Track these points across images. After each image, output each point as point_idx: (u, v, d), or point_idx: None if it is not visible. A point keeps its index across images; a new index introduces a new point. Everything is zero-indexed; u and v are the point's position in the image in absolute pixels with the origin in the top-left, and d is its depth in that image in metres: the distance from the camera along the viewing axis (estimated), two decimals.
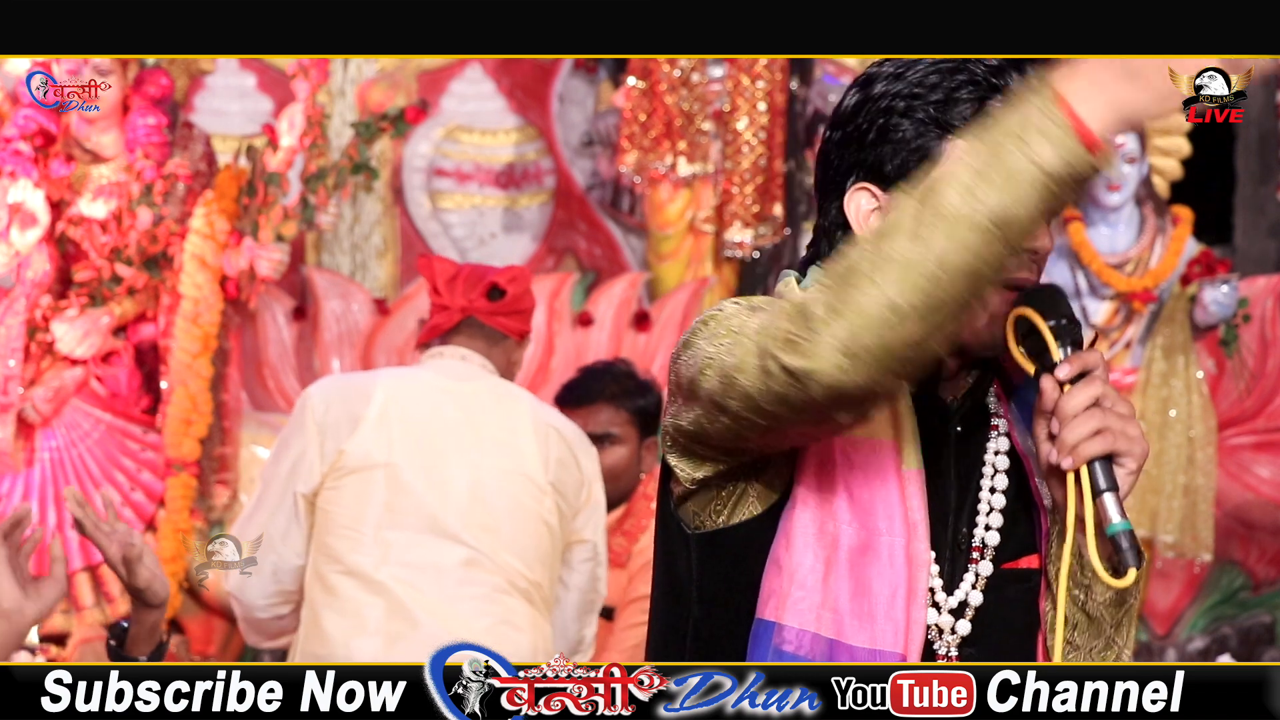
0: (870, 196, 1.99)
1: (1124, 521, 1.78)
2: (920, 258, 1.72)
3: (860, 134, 2.00)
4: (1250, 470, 6.60)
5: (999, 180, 1.71)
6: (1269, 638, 6.60)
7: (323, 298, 6.58)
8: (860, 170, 2.00)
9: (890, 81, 1.99)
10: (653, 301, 6.84)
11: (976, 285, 1.74)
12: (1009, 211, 1.72)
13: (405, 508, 3.73)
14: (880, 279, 1.73)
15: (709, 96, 6.85)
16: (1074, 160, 1.72)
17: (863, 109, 2.01)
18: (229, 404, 5.83)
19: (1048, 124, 1.72)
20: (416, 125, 6.63)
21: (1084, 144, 1.72)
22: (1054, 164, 1.71)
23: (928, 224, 1.72)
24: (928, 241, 1.72)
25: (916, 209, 1.74)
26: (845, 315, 1.74)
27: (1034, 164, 1.71)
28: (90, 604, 5.67)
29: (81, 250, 5.79)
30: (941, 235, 1.72)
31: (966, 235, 1.72)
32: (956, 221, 1.72)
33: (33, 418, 5.68)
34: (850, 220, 2.00)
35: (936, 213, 1.73)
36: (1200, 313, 6.53)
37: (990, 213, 1.71)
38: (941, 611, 1.97)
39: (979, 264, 1.72)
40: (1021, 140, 1.72)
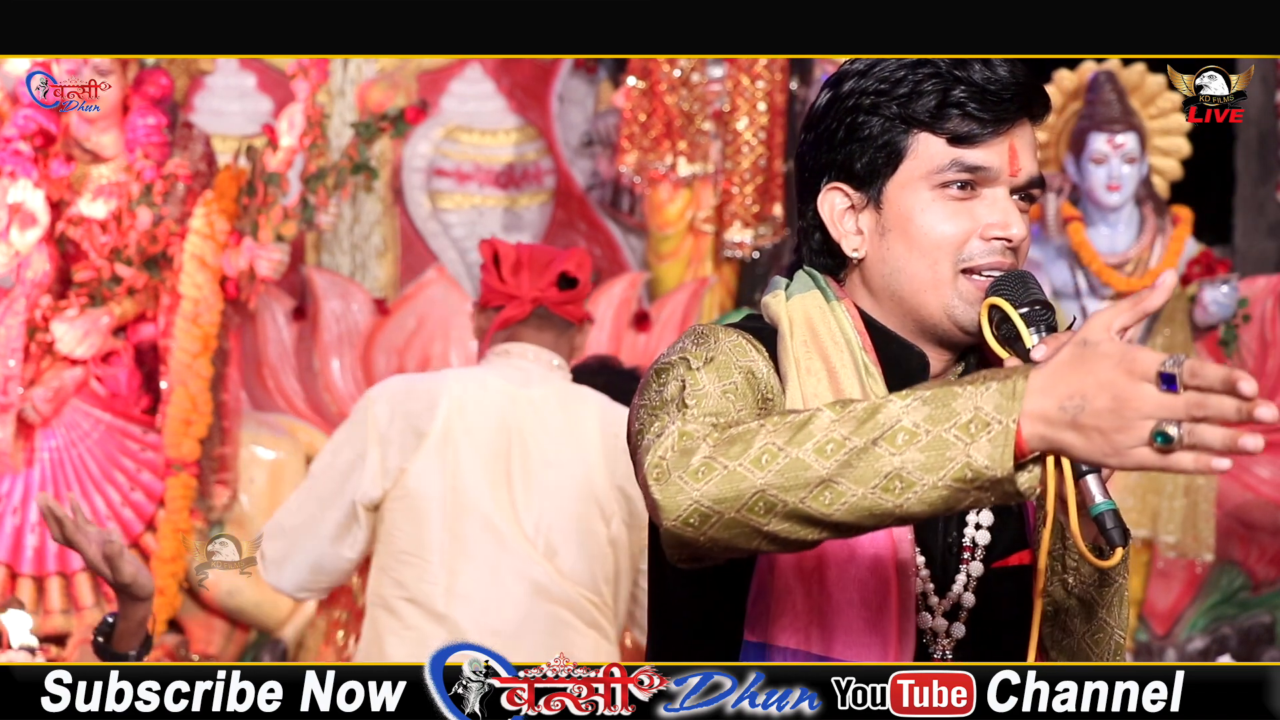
0: (843, 196, 2.00)
1: (1107, 501, 1.75)
2: (815, 468, 1.69)
3: (830, 134, 2.00)
4: (1250, 470, 6.59)
5: (927, 449, 1.66)
6: (1269, 638, 6.59)
7: (323, 298, 6.58)
8: (832, 170, 2.00)
9: (858, 79, 1.99)
10: (652, 301, 6.84)
11: (852, 520, 1.69)
12: (916, 478, 1.66)
13: (469, 535, 3.69)
14: (766, 468, 1.70)
15: (709, 96, 6.85)
16: (1000, 470, 1.65)
17: (832, 108, 2.01)
18: (229, 404, 5.83)
19: (997, 426, 1.64)
20: (416, 125, 6.63)
21: (1017, 455, 1.65)
22: (981, 464, 1.64)
23: (840, 446, 1.68)
24: (830, 460, 1.68)
25: (841, 425, 1.69)
26: (717, 482, 1.72)
27: (966, 456, 1.65)
28: (90, 604, 5.67)
29: (81, 250, 5.79)
30: (844, 464, 1.68)
31: (867, 473, 1.67)
32: (866, 459, 1.67)
33: (33, 418, 5.68)
34: (825, 221, 2.01)
35: (854, 441, 1.68)
36: (1200, 313, 6.53)
37: (900, 469, 1.66)
38: (935, 615, 1.97)
39: (862, 505, 1.68)
40: (967, 430, 1.65)
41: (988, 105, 1.94)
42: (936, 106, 1.94)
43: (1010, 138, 1.95)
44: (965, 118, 1.94)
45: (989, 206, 1.95)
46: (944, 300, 1.95)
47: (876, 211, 1.98)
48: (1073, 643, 1.99)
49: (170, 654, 5.66)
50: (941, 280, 1.95)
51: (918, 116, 1.95)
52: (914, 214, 1.96)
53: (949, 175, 1.95)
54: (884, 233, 1.98)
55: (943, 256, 1.95)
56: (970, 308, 1.94)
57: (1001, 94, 1.94)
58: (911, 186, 1.96)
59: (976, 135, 1.94)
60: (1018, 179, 1.96)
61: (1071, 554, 1.95)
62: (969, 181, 1.95)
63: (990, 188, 1.96)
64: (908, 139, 1.95)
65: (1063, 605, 1.98)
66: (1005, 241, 1.94)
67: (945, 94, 1.94)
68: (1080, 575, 1.96)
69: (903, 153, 1.96)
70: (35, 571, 5.65)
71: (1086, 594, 1.97)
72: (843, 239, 2.00)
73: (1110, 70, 6.72)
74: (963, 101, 1.94)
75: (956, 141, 1.94)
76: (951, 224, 1.95)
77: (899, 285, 1.97)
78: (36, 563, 5.66)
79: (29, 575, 5.65)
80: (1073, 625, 1.98)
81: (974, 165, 1.94)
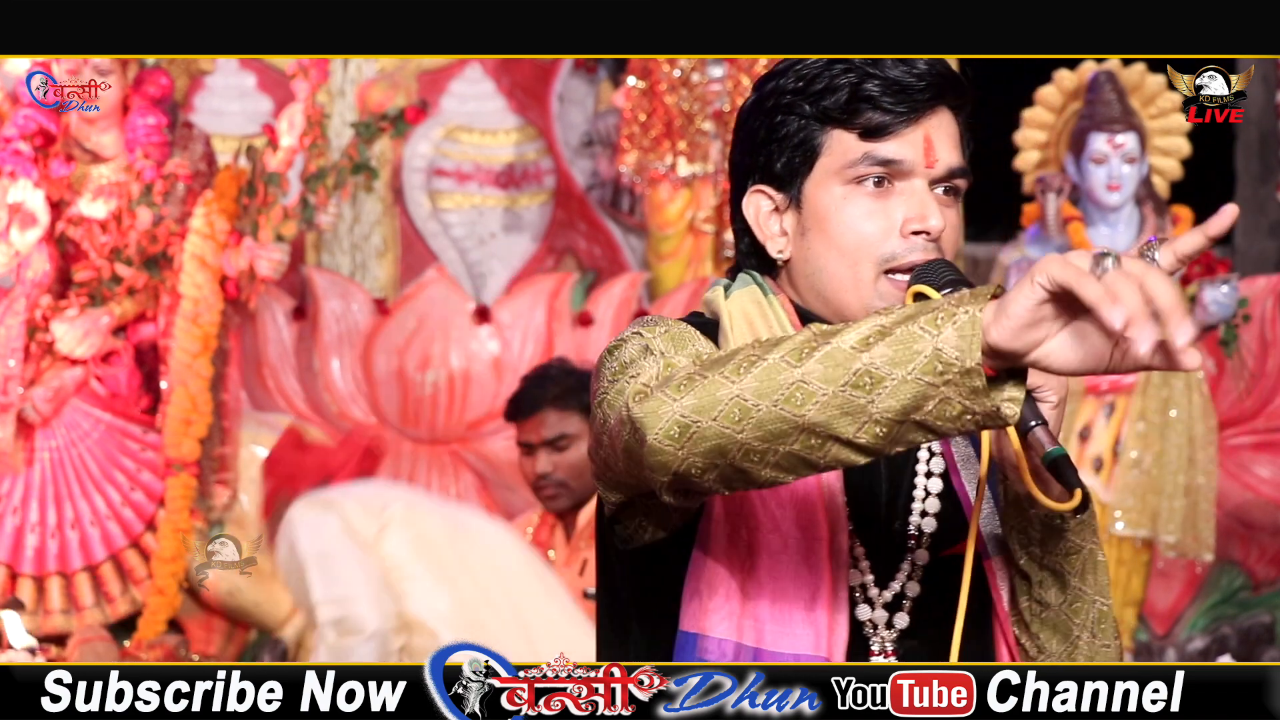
0: (766, 198, 1.99)
1: (1058, 448, 1.71)
2: (787, 371, 1.66)
3: (753, 135, 1.99)
4: (1250, 470, 6.60)
5: (895, 344, 1.63)
6: (1269, 638, 6.59)
7: (323, 298, 6.58)
8: (756, 172, 1.99)
9: (778, 79, 1.98)
10: (653, 301, 6.84)
11: (823, 419, 1.66)
12: (885, 372, 1.63)
13: None
14: (743, 375, 1.69)
15: (709, 96, 6.85)
16: (969, 360, 1.60)
17: (755, 110, 2.00)
18: (229, 404, 5.83)
19: (963, 315, 1.61)
20: (416, 125, 6.62)
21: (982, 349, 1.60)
22: (950, 354, 1.60)
23: (810, 347, 1.67)
24: (802, 361, 1.66)
25: (818, 337, 1.68)
26: (696, 393, 1.71)
27: (934, 347, 1.61)
28: (90, 604, 5.67)
29: (81, 250, 5.79)
30: (816, 360, 1.66)
31: (837, 371, 1.64)
32: (836, 356, 1.64)
33: (33, 418, 5.68)
34: (750, 223, 2.00)
35: (824, 342, 1.66)
36: (1200, 313, 6.53)
37: (870, 364, 1.63)
38: (875, 607, 1.95)
39: (834, 403, 1.64)
40: (934, 321, 1.62)
41: (899, 96, 1.92)
42: (847, 101, 1.92)
43: (924, 128, 1.93)
44: (875, 109, 1.92)
45: (906, 200, 1.93)
46: (864, 301, 1.93)
47: (797, 212, 1.97)
48: (1052, 615, 1.96)
49: (170, 654, 5.66)
50: (862, 281, 1.93)
51: (830, 113, 1.93)
52: (830, 212, 1.94)
53: (861, 169, 1.93)
54: (804, 232, 1.97)
55: (863, 257, 1.93)
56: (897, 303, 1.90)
57: (912, 85, 1.92)
58: (826, 184, 1.95)
59: (888, 126, 1.92)
60: (935, 170, 1.94)
61: (1034, 526, 1.91)
62: (883, 176, 1.93)
63: (906, 180, 1.93)
64: (822, 136, 1.94)
65: (1035, 578, 1.95)
66: (925, 235, 1.92)
67: (856, 88, 1.92)
68: (1046, 546, 1.93)
69: (817, 150, 1.95)
70: (35, 571, 5.65)
71: (1055, 564, 1.93)
72: (767, 241, 2.00)
73: (1110, 70, 6.72)
74: (873, 94, 1.92)
75: (868, 135, 1.93)
76: (869, 222, 1.93)
77: (822, 285, 1.96)
78: (36, 563, 5.65)
79: (29, 575, 5.64)
80: (1048, 597, 1.95)
81: (886, 158, 1.92)
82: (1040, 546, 1.93)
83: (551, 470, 4.43)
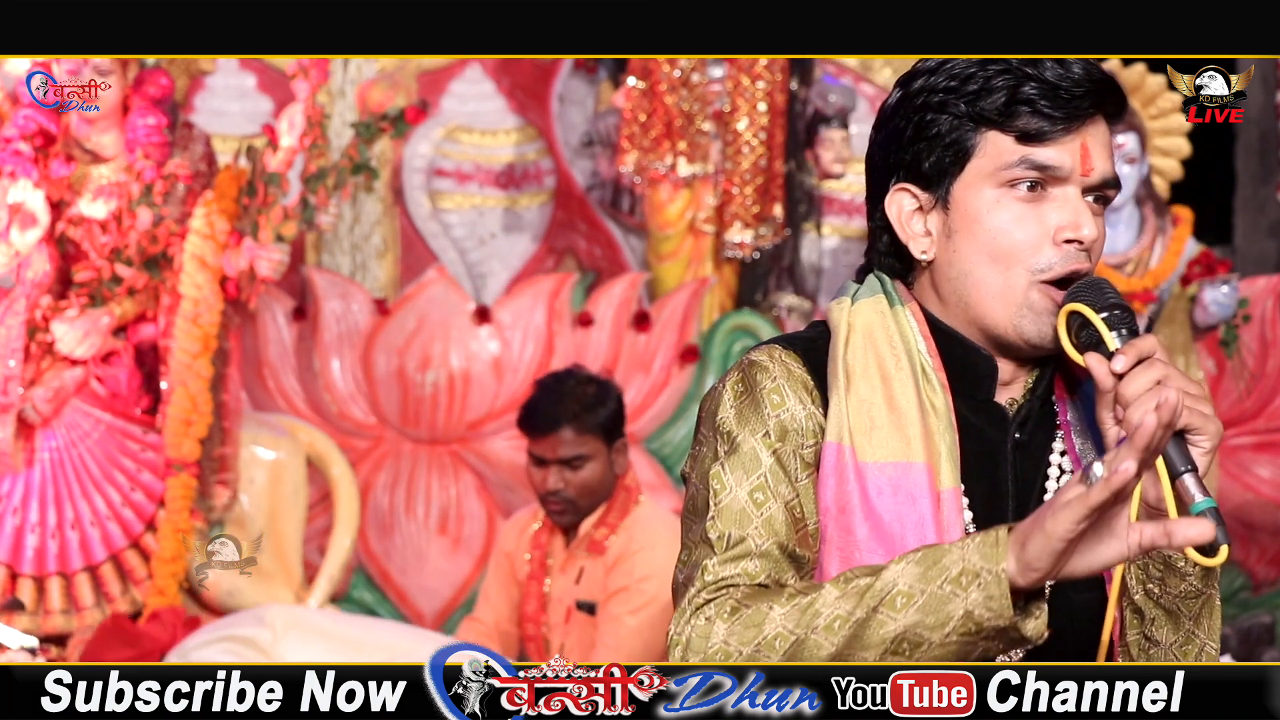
0: (911, 197, 1.95)
1: (1208, 499, 1.72)
2: (825, 646, 1.78)
3: (899, 132, 1.95)
4: (1250, 470, 6.60)
5: (925, 610, 1.74)
6: (1269, 638, 6.59)
7: (323, 298, 6.58)
8: (900, 170, 1.95)
9: (928, 77, 1.94)
10: (653, 301, 6.84)
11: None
12: (924, 637, 1.75)
13: None
14: (780, 651, 1.79)
15: (709, 97, 6.85)
16: (1002, 619, 1.72)
17: (901, 107, 1.96)
18: (229, 404, 5.82)
19: (987, 575, 1.71)
20: (416, 125, 6.62)
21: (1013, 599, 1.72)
22: (981, 615, 1.72)
23: (846, 621, 1.77)
24: (838, 635, 1.77)
25: (845, 601, 1.77)
26: (748, 655, 1.81)
27: (965, 608, 1.72)
28: (90, 604, 5.66)
29: (81, 250, 5.79)
30: (851, 637, 1.77)
31: (873, 642, 1.77)
32: (870, 627, 1.76)
33: (33, 418, 5.67)
34: (892, 222, 1.96)
35: (858, 613, 1.77)
36: (1200, 313, 6.53)
37: (903, 632, 1.75)
38: None
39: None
40: (958, 583, 1.72)
41: (1059, 102, 1.88)
42: (1005, 103, 1.88)
43: (1082, 136, 1.89)
44: (1035, 114, 1.88)
45: (1059, 207, 1.89)
46: (1011, 310, 1.90)
47: (944, 212, 1.93)
48: (1160, 653, 1.94)
49: None
50: (1012, 289, 1.90)
51: (986, 114, 1.89)
52: (981, 215, 1.90)
53: (1017, 173, 1.89)
54: (951, 234, 1.93)
55: (1015, 264, 1.89)
56: (1039, 319, 1.89)
57: (1073, 90, 1.88)
58: (978, 186, 1.91)
59: (1046, 133, 1.88)
60: (1090, 179, 1.90)
61: (1156, 564, 1.89)
62: (1038, 181, 1.89)
63: (1060, 188, 1.90)
64: (976, 137, 1.90)
65: (1149, 615, 1.93)
66: (1077, 244, 1.88)
67: (1015, 90, 1.88)
68: (1165, 586, 1.90)
69: (970, 151, 1.91)
70: (35, 572, 5.65)
71: (1172, 605, 1.91)
72: (910, 241, 1.96)
73: (1110, 70, 6.71)
74: (1032, 98, 1.88)
75: (1025, 139, 1.89)
76: (1021, 228, 1.89)
77: (966, 290, 1.92)
78: (37, 563, 5.65)
79: (29, 575, 5.64)
80: (1159, 636, 1.93)
81: (1043, 164, 1.89)
82: (1159, 585, 1.91)
83: (563, 487, 4.34)
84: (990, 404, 1.94)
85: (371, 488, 6.45)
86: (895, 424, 1.90)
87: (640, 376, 6.61)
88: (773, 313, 6.87)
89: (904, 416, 1.90)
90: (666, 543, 4.31)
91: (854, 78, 7.22)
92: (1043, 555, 1.68)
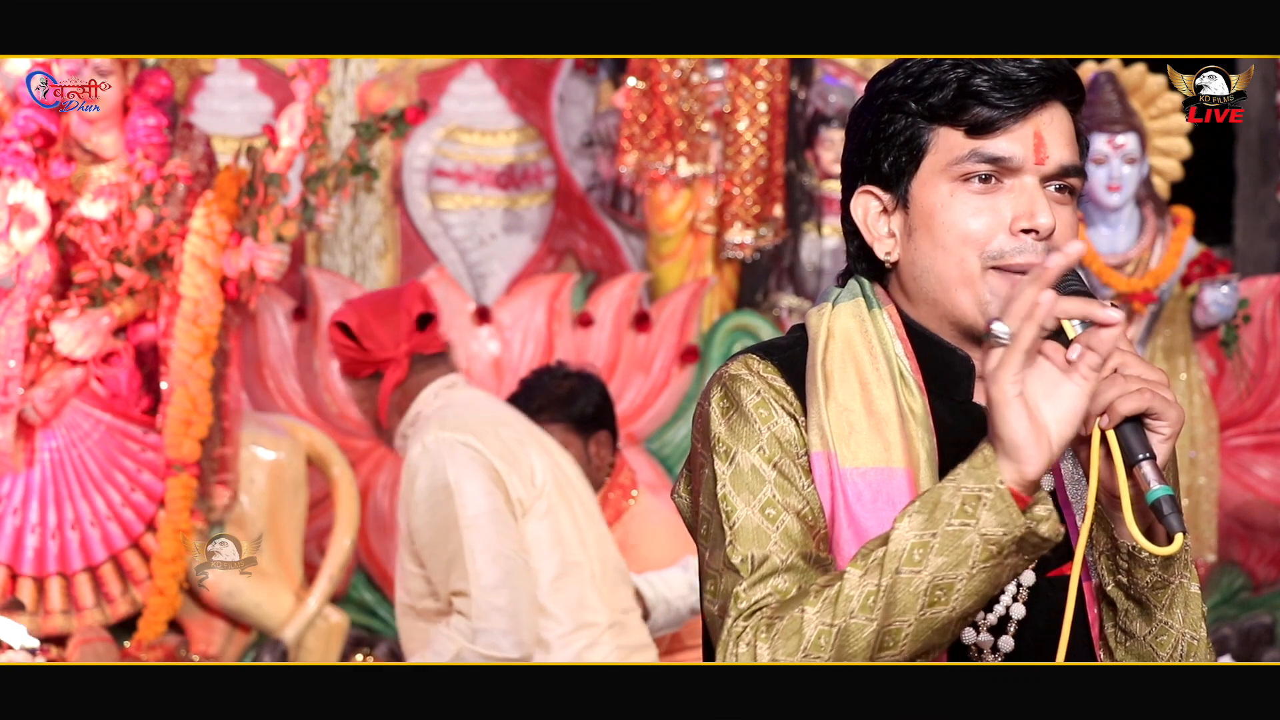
0: (875, 199, 1.95)
1: (1165, 487, 1.71)
2: (867, 626, 1.77)
3: (862, 135, 1.96)
4: (1250, 471, 6.60)
5: (944, 550, 1.75)
6: (1269, 638, 6.59)
7: (323, 298, 6.58)
8: (864, 173, 1.96)
9: (887, 78, 1.94)
10: (653, 302, 6.84)
11: (921, 646, 1.79)
12: (951, 577, 1.75)
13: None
14: (828, 648, 1.78)
15: (709, 97, 6.85)
16: (1017, 529, 1.73)
17: (865, 110, 1.96)
18: (229, 404, 5.82)
19: (988, 494, 1.74)
20: (417, 126, 6.62)
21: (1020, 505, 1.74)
22: (997, 534, 1.73)
23: (877, 594, 1.77)
24: (875, 610, 1.77)
25: (869, 577, 1.77)
26: (793, 657, 1.80)
27: (980, 535, 1.73)
28: (90, 604, 5.66)
29: (81, 251, 5.78)
30: (887, 606, 1.76)
31: (909, 600, 1.76)
32: (900, 589, 1.76)
33: (33, 418, 5.67)
34: (858, 225, 1.97)
35: (884, 581, 1.77)
36: (1200, 313, 6.53)
37: (932, 581, 1.75)
38: (980, 630, 1.91)
39: (921, 632, 1.77)
40: (963, 513, 1.74)
41: (1008, 92, 1.87)
42: (954, 97, 1.88)
43: (1035, 124, 1.88)
44: (983, 105, 1.88)
45: (1015, 198, 1.89)
46: (977, 296, 1.89)
47: (904, 212, 1.93)
48: (1137, 645, 1.92)
49: (170, 654, 5.66)
50: (970, 276, 1.89)
51: (936, 110, 1.89)
52: (936, 210, 1.90)
53: (968, 167, 1.89)
54: (911, 233, 1.93)
55: (969, 253, 1.89)
56: (1001, 302, 1.86)
57: (1023, 80, 1.87)
58: (933, 183, 1.91)
59: (995, 122, 1.88)
60: (1045, 167, 1.89)
61: (1122, 555, 1.88)
62: (991, 173, 1.89)
63: (1016, 178, 1.89)
64: (928, 134, 1.90)
65: (1120, 607, 1.91)
66: (1034, 234, 1.87)
67: (964, 84, 1.88)
68: (1133, 577, 1.89)
69: (924, 149, 1.91)
70: (35, 572, 5.65)
71: (1141, 596, 1.89)
72: (875, 243, 1.96)
73: (1110, 70, 6.72)
74: (981, 91, 1.88)
75: (975, 131, 1.88)
76: (976, 219, 1.89)
77: (930, 286, 1.92)
78: (37, 563, 5.65)
79: (29, 576, 5.64)
80: (1133, 627, 1.91)
81: (994, 155, 1.88)
82: (1127, 576, 1.89)
83: None
84: (969, 405, 1.93)
85: (371, 488, 6.44)
86: (875, 429, 1.89)
87: (640, 377, 6.62)
88: (773, 313, 6.87)
89: (883, 421, 1.89)
90: (665, 539, 4.32)
91: (854, 78, 7.22)
92: (1019, 432, 1.72)
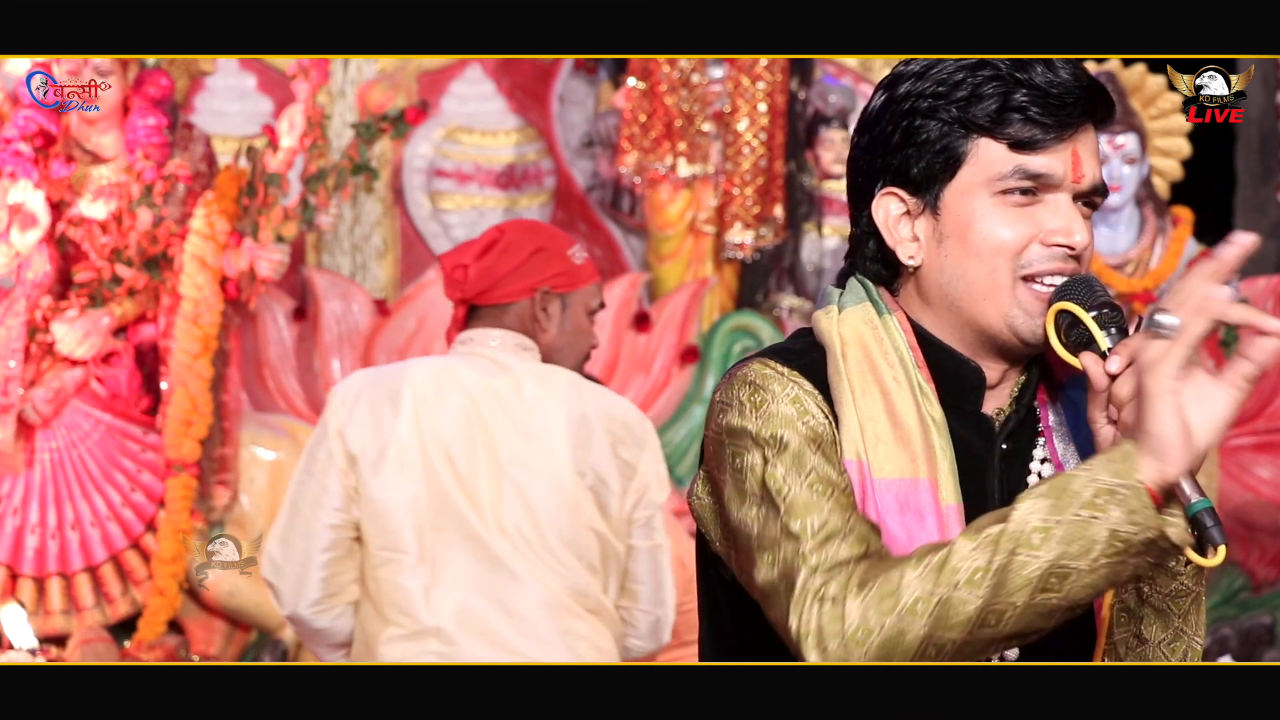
0: (898, 202, 1.94)
1: (1204, 499, 1.72)
2: (970, 602, 1.73)
3: (885, 137, 1.94)
4: (1250, 471, 6.60)
5: (1067, 540, 1.72)
6: (1269, 638, 6.59)
7: (323, 298, 6.58)
8: (887, 175, 1.94)
9: (915, 81, 1.93)
10: (653, 302, 6.84)
11: (1023, 628, 1.75)
12: (1070, 566, 1.72)
13: (447, 539, 3.64)
14: (924, 616, 1.74)
15: (709, 97, 6.85)
16: (1151, 530, 1.71)
17: (887, 111, 1.94)
18: (229, 405, 5.83)
19: (1123, 490, 1.71)
20: (417, 126, 6.63)
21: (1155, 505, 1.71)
22: (1128, 530, 1.71)
23: (986, 571, 1.73)
24: (982, 587, 1.73)
25: (980, 552, 1.73)
26: (877, 642, 1.75)
27: (1109, 528, 1.71)
28: (90, 604, 5.67)
29: (82, 251, 5.79)
30: (995, 585, 1.73)
31: (1019, 582, 1.72)
32: (1013, 571, 1.72)
33: (33, 418, 5.68)
34: (879, 227, 1.95)
35: (996, 560, 1.73)
36: None
37: (1049, 567, 1.72)
38: None
39: (1026, 615, 1.74)
40: (1093, 505, 1.71)
41: (1050, 110, 1.88)
42: (997, 110, 1.88)
43: (1073, 143, 1.89)
44: (1027, 122, 1.88)
45: (1051, 212, 1.89)
46: (1003, 309, 1.89)
47: (934, 218, 1.92)
48: (1148, 650, 1.92)
49: (170, 654, 5.66)
50: (1000, 287, 1.89)
51: (977, 121, 1.89)
52: (974, 220, 1.90)
53: (1011, 182, 1.89)
54: (941, 239, 1.92)
55: (1002, 263, 1.89)
56: (1030, 318, 1.88)
57: (1064, 98, 1.88)
58: (971, 193, 1.90)
59: (1039, 141, 1.88)
60: (1081, 185, 1.90)
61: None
62: (1031, 188, 1.89)
63: (1052, 194, 1.90)
64: (967, 144, 1.89)
65: (1137, 614, 1.92)
66: (1067, 249, 1.88)
67: (1006, 97, 1.88)
68: (1156, 584, 1.89)
69: (962, 158, 1.90)
70: (36, 572, 5.65)
71: (1162, 604, 1.90)
72: (898, 246, 1.94)
73: (1110, 71, 6.72)
74: (1024, 105, 1.87)
75: (1018, 147, 1.88)
76: (1011, 230, 1.89)
77: (957, 294, 1.91)
78: (37, 563, 5.65)
79: (29, 576, 5.65)
80: (1148, 634, 1.92)
81: (1037, 172, 1.88)
82: (1150, 584, 1.90)
83: None
84: (978, 415, 1.93)
85: None
86: (900, 440, 1.88)
87: (640, 377, 6.62)
88: (773, 313, 6.87)
89: (908, 432, 1.89)
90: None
91: (854, 78, 7.23)
92: (1170, 428, 1.71)
